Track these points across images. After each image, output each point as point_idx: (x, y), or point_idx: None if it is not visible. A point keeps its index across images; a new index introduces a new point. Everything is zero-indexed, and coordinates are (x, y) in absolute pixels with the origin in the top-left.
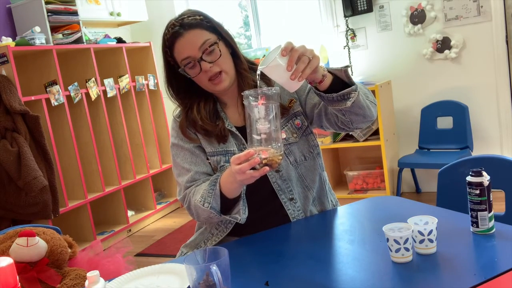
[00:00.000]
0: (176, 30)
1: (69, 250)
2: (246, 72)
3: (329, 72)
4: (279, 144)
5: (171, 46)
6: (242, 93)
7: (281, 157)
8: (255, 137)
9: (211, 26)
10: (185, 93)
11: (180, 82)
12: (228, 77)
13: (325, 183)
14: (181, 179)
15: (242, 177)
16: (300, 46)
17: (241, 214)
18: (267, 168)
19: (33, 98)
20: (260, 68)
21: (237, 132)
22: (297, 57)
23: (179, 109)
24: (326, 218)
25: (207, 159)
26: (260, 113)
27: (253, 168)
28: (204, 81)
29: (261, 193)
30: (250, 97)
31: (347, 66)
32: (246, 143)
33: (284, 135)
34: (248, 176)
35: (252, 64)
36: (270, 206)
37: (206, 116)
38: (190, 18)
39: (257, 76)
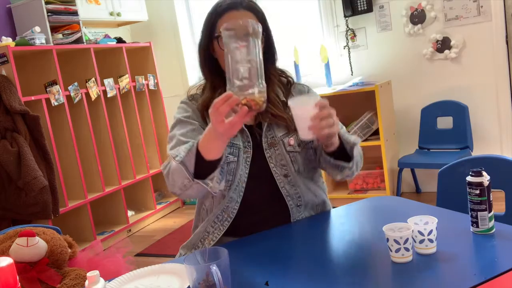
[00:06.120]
0: (235, 1)
1: (69, 250)
2: (274, 77)
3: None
4: (263, 84)
5: (222, 13)
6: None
7: (263, 99)
8: (237, 82)
9: (262, 19)
10: (210, 73)
11: (212, 62)
12: None
13: (324, 192)
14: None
15: (222, 127)
16: (332, 109)
17: (214, 181)
18: (245, 108)
19: (33, 98)
20: (290, 103)
21: (245, 129)
22: (326, 115)
23: (191, 92)
24: (326, 218)
25: None
26: (242, 54)
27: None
28: None
29: (266, 196)
30: (231, 38)
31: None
32: (252, 141)
33: (292, 142)
34: (227, 125)
35: (281, 72)
36: (273, 210)
37: None
38: (251, 2)
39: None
